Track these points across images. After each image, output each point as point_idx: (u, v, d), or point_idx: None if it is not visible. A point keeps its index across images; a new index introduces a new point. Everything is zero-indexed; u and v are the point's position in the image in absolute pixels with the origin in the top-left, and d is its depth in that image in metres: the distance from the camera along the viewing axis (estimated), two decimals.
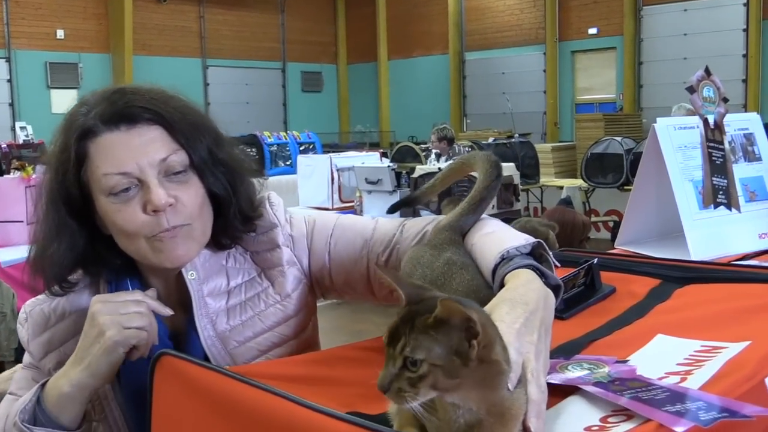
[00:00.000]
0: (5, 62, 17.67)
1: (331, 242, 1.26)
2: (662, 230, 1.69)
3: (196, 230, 1.14)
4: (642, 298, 1.21)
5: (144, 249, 1.12)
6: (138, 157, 1.09)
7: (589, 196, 10.19)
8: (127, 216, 1.10)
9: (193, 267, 1.18)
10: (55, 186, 1.15)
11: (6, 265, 5.68)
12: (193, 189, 1.14)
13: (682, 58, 16.46)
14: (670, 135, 1.59)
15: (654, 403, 0.79)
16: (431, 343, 0.68)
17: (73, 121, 1.13)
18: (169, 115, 1.13)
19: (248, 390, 0.83)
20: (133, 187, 1.10)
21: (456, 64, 20.85)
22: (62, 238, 1.15)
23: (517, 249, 0.97)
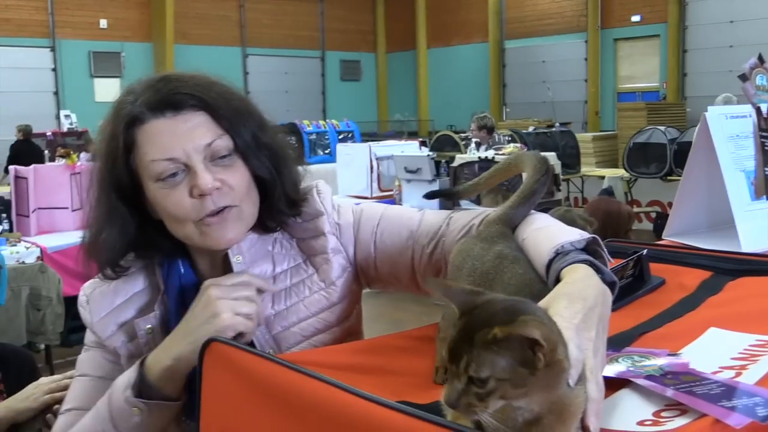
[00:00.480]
0: (50, 51, 17.96)
1: (377, 232, 1.27)
2: (712, 221, 1.66)
3: (244, 212, 1.17)
4: (693, 291, 1.19)
5: (192, 233, 1.15)
6: (184, 143, 1.12)
7: (631, 186, 10.05)
8: (174, 200, 1.13)
9: (239, 251, 1.20)
10: (105, 173, 1.17)
11: (52, 251, 5.79)
12: (239, 172, 1.16)
13: (728, 45, 16.13)
14: (722, 124, 1.55)
15: (709, 398, 0.78)
16: (495, 358, 0.68)
17: (121, 110, 1.16)
18: (213, 100, 1.15)
19: (298, 377, 0.83)
20: (180, 173, 1.13)
21: (495, 52, 20.68)
22: (114, 224, 1.18)
23: (572, 244, 0.95)
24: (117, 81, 18.87)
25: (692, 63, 17.29)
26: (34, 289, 5.19)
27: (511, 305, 0.72)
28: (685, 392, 0.79)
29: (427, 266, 1.21)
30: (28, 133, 12.06)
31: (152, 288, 1.25)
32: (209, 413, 0.93)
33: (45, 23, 17.82)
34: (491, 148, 7.83)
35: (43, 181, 6.35)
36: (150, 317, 1.22)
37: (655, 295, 1.20)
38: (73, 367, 4.18)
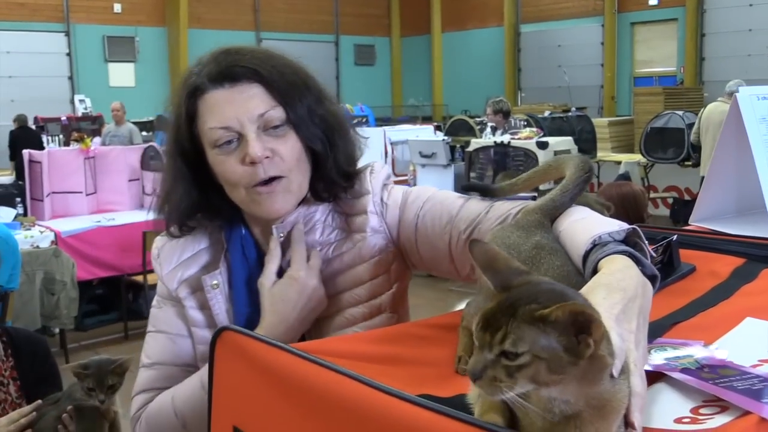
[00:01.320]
0: (64, 36, 17.98)
1: (420, 215, 1.28)
2: (741, 206, 1.60)
3: (292, 183, 1.23)
4: (726, 278, 1.14)
5: (244, 198, 1.23)
6: (238, 113, 1.19)
7: (648, 171, 9.95)
8: (228, 167, 1.21)
9: (282, 229, 1.27)
10: (172, 139, 1.28)
11: (66, 235, 5.80)
12: (290, 143, 1.22)
13: (747, 29, 15.92)
14: (753, 105, 1.49)
15: (751, 394, 0.73)
16: (538, 334, 0.63)
17: (187, 80, 1.25)
18: (268, 73, 1.22)
19: (312, 368, 0.79)
20: (234, 141, 1.20)
21: (511, 36, 20.53)
22: (179, 187, 1.28)
23: (610, 235, 0.92)
24: (131, 66, 18.89)
25: (710, 47, 17.08)
26: (48, 273, 5.20)
27: (559, 289, 0.68)
28: (725, 387, 0.75)
29: (463, 252, 1.22)
30: (23, 121, 12.27)
31: (216, 247, 1.33)
32: (220, 404, 0.89)
33: (59, 8, 17.82)
34: (507, 132, 7.75)
35: (57, 165, 6.36)
36: (215, 273, 1.28)
37: (685, 283, 1.15)
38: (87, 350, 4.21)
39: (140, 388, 1.31)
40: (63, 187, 6.42)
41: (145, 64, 18.94)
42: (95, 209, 6.59)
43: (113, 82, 18.48)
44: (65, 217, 6.30)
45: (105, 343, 5.94)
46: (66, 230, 5.84)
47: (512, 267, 0.72)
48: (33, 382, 2.40)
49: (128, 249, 5.84)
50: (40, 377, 2.43)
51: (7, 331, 2.48)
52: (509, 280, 0.69)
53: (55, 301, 5.21)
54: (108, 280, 6.14)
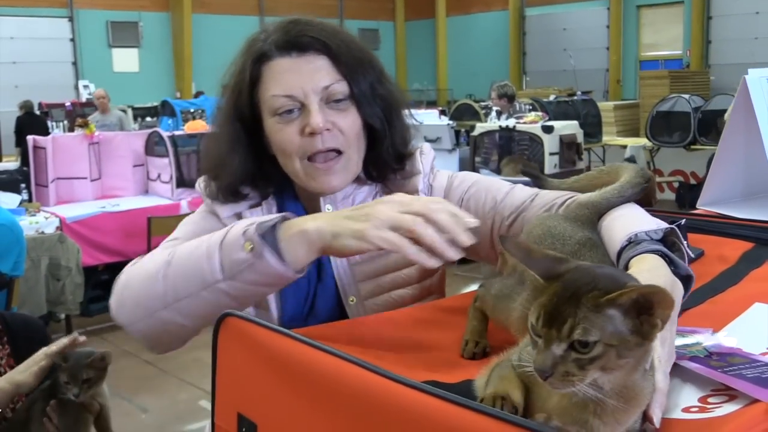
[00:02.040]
0: (68, 21, 17.93)
1: (464, 198, 1.30)
2: (750, 190, 1.59)
3: (350, 160, 1.23)
4: (734, 263, 1.13)
5: (299, 170, 1.22)
6: (304, 83, 1.19)
7: (653, 155, 9.91)
8: (286, 136, 1.20)
9: (331, 201, 1.26)
10: (231, 104, 1.26)
11: (71, 221, 5.80)
12: (351, 118, 1.22)
13: (753, 12, 15.80)
14: (763, 88, 1.48)
15: (761, 382, 0.72)
16: (606, 321, 0.62)
17: (252, 46, 1.24)
18: (336, 47, 1.22)
19: (317, 354, 0.78)
20: (295, 110, 1.20)
21: (516, 20, 20.40)
22: (236, 152, 1.25)
23: (647, 233, 0.91)
24: (135, 51, 18.84)
25: (717, 30, 16.96)
26: (53, 259, 5.20)
27: (609, 272, 0.68)
28: (734, 375, 0.74)
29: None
30: (29, 107, 12.29)
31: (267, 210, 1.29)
32: (224, 390, 0.89)
33: None
34: (512, 116, 7.72)
35: (61, 151, 6.35)
36: (258, 210, 1.27)
37: (694, 267, 1.13)
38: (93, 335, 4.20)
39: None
40: (67, 173, 6.41)
41: (149, 50, 18.90)
42: (100, 195, 6.58)
43: (117, 67, 18.44)
44: (70, 203, 6.30)
45: (110, 328, 5.93)
46: (71, 216, 5.84)
47: (550, 256, 0.71)
48: None
49: (133, 234, 5.84)
50: None
51: (3, 317, 2.44)
52: (554, 269, 0.68)
53: (60, 287, 5.21)
54: (113, 266, 6.13)
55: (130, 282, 1.13)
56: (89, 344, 2.06)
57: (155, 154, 6.64)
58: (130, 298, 1.11)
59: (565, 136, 6.83)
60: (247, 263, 1.00)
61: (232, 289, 1.02)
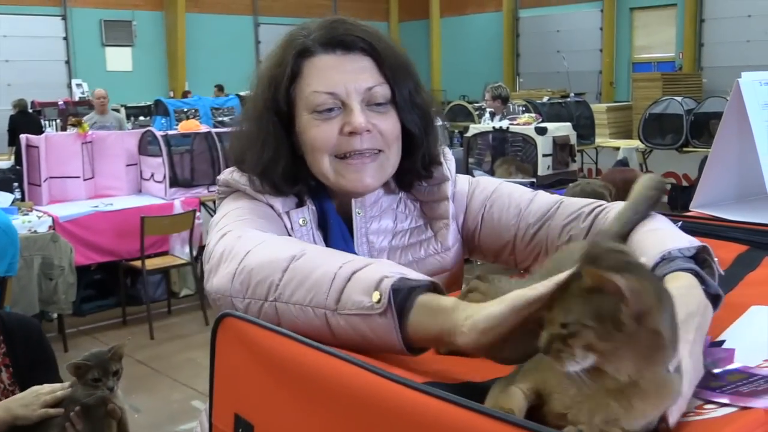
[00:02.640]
0: (61, 20, 17.87)
1: (487, 204, 1.30)
2: (743, 192, 1.60)
3: (388, 161, 1.21)
4: (728, 266, 1.13)
5: (329, 169, 1.19)
6: (347, 82, 1.17)
7: (646, 157, 9.94)
8: (323, 133, 1.17)
9: (361, 205, 1.24)
10: (267, 97, 1.21)
11: (63, 220, 5.78)
12: (391, 121, 1.21)
13: (746, 15, 15.87)
14: (756, 90, 1.49)
15: (756, 394, 0.72)
16: (581, 303, 0.67)
17: (293, 41, 1.21)
18: (382, 49, 1.21)
19: (315, 354, 0.79)
20: (336, 109, 1.18)
21: (509, 21, 20.44)
22: (269, 146, 1.21)
23: (680, 251, 0.92)
24: (128, 50, 18.79)
25: (709, 33, 17.02)
26: (46, 258, 5.19)
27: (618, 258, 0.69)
28: (731, 393, 0.74)
29: (527, 246, 1.23)
30: (23, 106, 12.23)
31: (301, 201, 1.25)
32: (223, 392, 0.89)
33: None
34: (506, 118, 7.73)
35: (54, 150, 6.34)
36: (303, 210, 1.22)
37: None
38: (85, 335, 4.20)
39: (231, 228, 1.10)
40: (61, 172, 6.40)
41: (142, 49, 18.85)
42: (93, 194, 6.57)
43: (110, 66, 18.40)
44: (63, 202, 6.28)
45: (103, 328, 5.94)
46: (64, 215, 5.83)
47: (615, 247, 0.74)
48: (27, 368, 2.36)
49: (126, 234, 5.83)
50: (34, 362, 2.40)
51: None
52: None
53: (53, 287, 5.20)
54: (106, 265, 6.13)
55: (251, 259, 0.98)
56: (81, 344, 2.06)
57: (148, 153, 6.63)
58: (246, 274, 0.97)
59: (558, 138, 6.84)
60: (365, 312, 0.85)
61: (335, 323, 0.87)
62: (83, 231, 5.85)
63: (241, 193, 1.24)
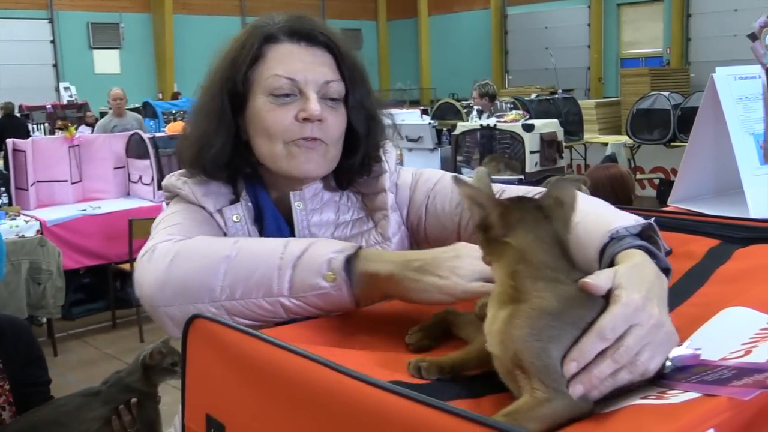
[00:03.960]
0: (48, 23, 17.82)
1: (431, 195, 1.33)
2: (719, 187, 1.61)
3: (329, 153, 1.26)
4: (700, 259, 1.14)
5: (279, 152, 1.23)
6: (307, 71, 1.23)
7: (634, 152, 9.98)
8: (278, 117, 1.22)
9: (300, 198, 1.28)
10: (225, 77, 1.25)
11: (51, 224, 5.76)
12: (340, 117, 1.26)
13: (732, 9, 15.95)
14: (730, 85, 1.50)
15: (720, 383, 0.73)
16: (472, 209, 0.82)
17: (259, 27, 1.27)
18: (343, 49, 1.27)
19: (282, 354, 0.79)
20: (292, 95, 1.22)
21: (498, 19, 20.48)
22: (223, 128, 1.26)
23: (627, 229, 0.94)
24: (116, 52, 18.76)
25: (696, 28, 17.11)
26: (34, 262, 5.17)
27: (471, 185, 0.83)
28: (696, 383, 0.75)
29: (472, 233, 1.21)
30: (10, 109, 12.18)
31: (232, 196, 1.30)
32: (194, 393, 0.89)
33: None
34: (493, 115, 7.75)
35: (41, 154, 6.31)
36: (237, 206, 1.26)
37: None
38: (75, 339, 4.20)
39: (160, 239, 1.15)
40: (48, 176, 6.37)
41: (130, 51, 18.82)
42: (81, 198, 6.55)
43: (98, 69, 18.36)
44: (51, 206, 6.26)
45: (93, 332, 5.92)
46: (51, 219, 5.81)
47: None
48: (19, 367, 2.38)
49: (115, 237, 5.81)
50: (26, 362, 2.42)
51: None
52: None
53: (41, 291, 5.18)
54: (95, 269, 6.11)
55: (179, 266, 1.06)
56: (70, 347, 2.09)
57: (136, 156, 6.61)
58: (176, 282, 1.05)
59: (545, 135, 6.86)
60: (323, 291, 1.01)
61: (293, 305, 1.03)
62: (71, 235, 5.84)
63: (180, 197, 1.29)
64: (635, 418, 0.69)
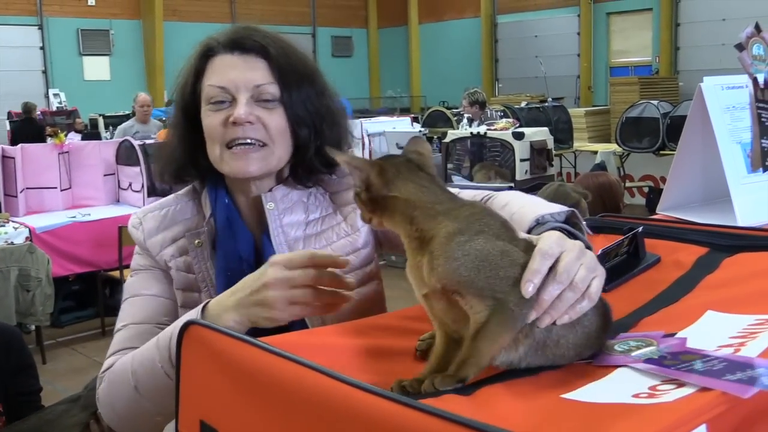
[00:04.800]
0: (37, 30, 17.77)
1: None
2: (707, 195, 1.63)
3: (272, 154, 1.33)
4: (689, 269, 1.15)
5: (219, 156, 1.33)
6: (238, 78, 1.32)
7: (623, 161, 10.03)
8: (213, 122, 1.32)
9: (272, 199, 1.36)
10: (179, 94, 1.40)
11: (40, 231, 5.74)
12: (276, 117, 1.33)
13: (720, 19, 16.05)
14: (717, 95, 1.52)
15: (712, 374, 0.74)
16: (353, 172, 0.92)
17: (204, 43, 1.38)
18: (275, 53, 1.34)
19: (276, 361, 0.79)
20: (226, 102, 1.32)
21: (488, 27, 20.55)
22: (177, 139, 1.40)
23: (552, 215, 1.07)
24: (106, 59, 18.72)
25: (685, 37, 17.21)
26: (23, 269, 5.15)
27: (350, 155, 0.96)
28: (686, 371, 0.76)
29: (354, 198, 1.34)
30: (29, 110, 12.02)
31: (200, 216, 1.41)
32: (188, 400, 0.90)
33: (32, 0, 17.62)
34: (483, 123, 7.78)
35: (31, 160, 6.29)
36: (198, 232, 1.37)
37: (650, 273, 1.16)
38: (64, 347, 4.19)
39: (112, 350, 1.33)
40: (37, 183, 6.35)
41: (120, 58, 18.78)
42: (70, 204, 6.53)
43: (88, 75, 18.31)
44: (40, 213, 6.24)
45: (82, 339, 5.90)
46: (41, 226, 5.79)
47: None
48: (9, 374, 2.37)
49: (104, 244, 5.80)
50: (16, 369, 2.41)
51: None
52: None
53: (30, 298, 5.16)
54: (84, 276, 6.09)
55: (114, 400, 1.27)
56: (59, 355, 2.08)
57: (126, 162, 6.60)
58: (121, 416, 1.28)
59: (535, 143, 6.90)
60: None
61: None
62: (61, 242, 5.82)
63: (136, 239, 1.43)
64: (627, 418, 0.70)
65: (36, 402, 2.43)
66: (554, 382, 0.82)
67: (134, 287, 1.40)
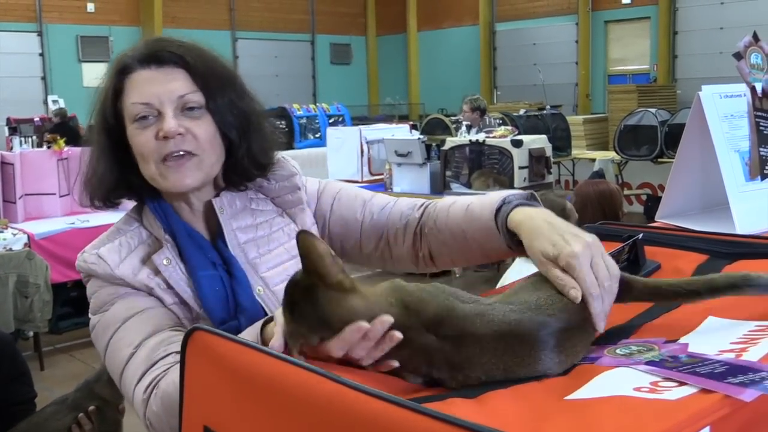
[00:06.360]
0: (37, 36, 17.78)
1: (334, 202, 1.46)
2: (706, 203, 1.63)
3: (203, 162, 1.31)
4: (689, 276, 1.16)
5: (154, 173, 1.30)
6: (160, 92, 1.29)
7: (622, 168, 10.04)
8: (143, 139, 1.29)
9: (221, 204, 1.36)
10: (99, 115, 1.35)
11: (39, 237, 5.74)
12: (204, 125, 1.31)
13: (718, 27, 16.10)
14: (716, 103, 1.53)
15: (714, 377, 0.75)
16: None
17: (117, 60, 1.35)
18: (193, 61, 1.32)
19: (282, 366, 0.80)
20: (151, 117, 1.29)
21: (486, 35, 20.59)
22: (103, 162, 1.35)
23: (514, 196, 1.20)
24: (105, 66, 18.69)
25: (683, 45, 17.25)
26: (21, 276, 5.14)
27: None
28: (689, 373, 0.77)
29: (372, 228, 1.42)
30: (64, 115, 12.08)
31: (153, 237, 1.36)
32: (192, 405, 0.90)
33: (32, 7, 17.63)
34: (482, 130, 7.79)
35: (30, 167, 6.29)
36: (163, 250, 1.33)
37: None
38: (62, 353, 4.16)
39: (140, 373, 1.21)
40: (36, 189, 6.35)
41: None
42: (69, 211, 6.52)
43: (87, 82, 18.28)
44: (39, 219, 6.23)
45: (80, 345, 5.88)
46: (39, 232, 5.79)
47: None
48: (2, 383, 2.36)
49: None
50: (9, 377, 2.39)
51: None
52: None
53: (28, 305, 5.15)
54: (83, 283, 6.08)
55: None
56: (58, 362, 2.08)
57: None
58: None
59: (534, 150, 6.90)
60: None
61: None
62: (59, 248, 5.81)
63: (96, 278, 1.35)
64: (629, 412, 0.70)
65: (31, 410, 2.41)
66: (559, 385, 0.82)
67: (120, 314, 1.30)
